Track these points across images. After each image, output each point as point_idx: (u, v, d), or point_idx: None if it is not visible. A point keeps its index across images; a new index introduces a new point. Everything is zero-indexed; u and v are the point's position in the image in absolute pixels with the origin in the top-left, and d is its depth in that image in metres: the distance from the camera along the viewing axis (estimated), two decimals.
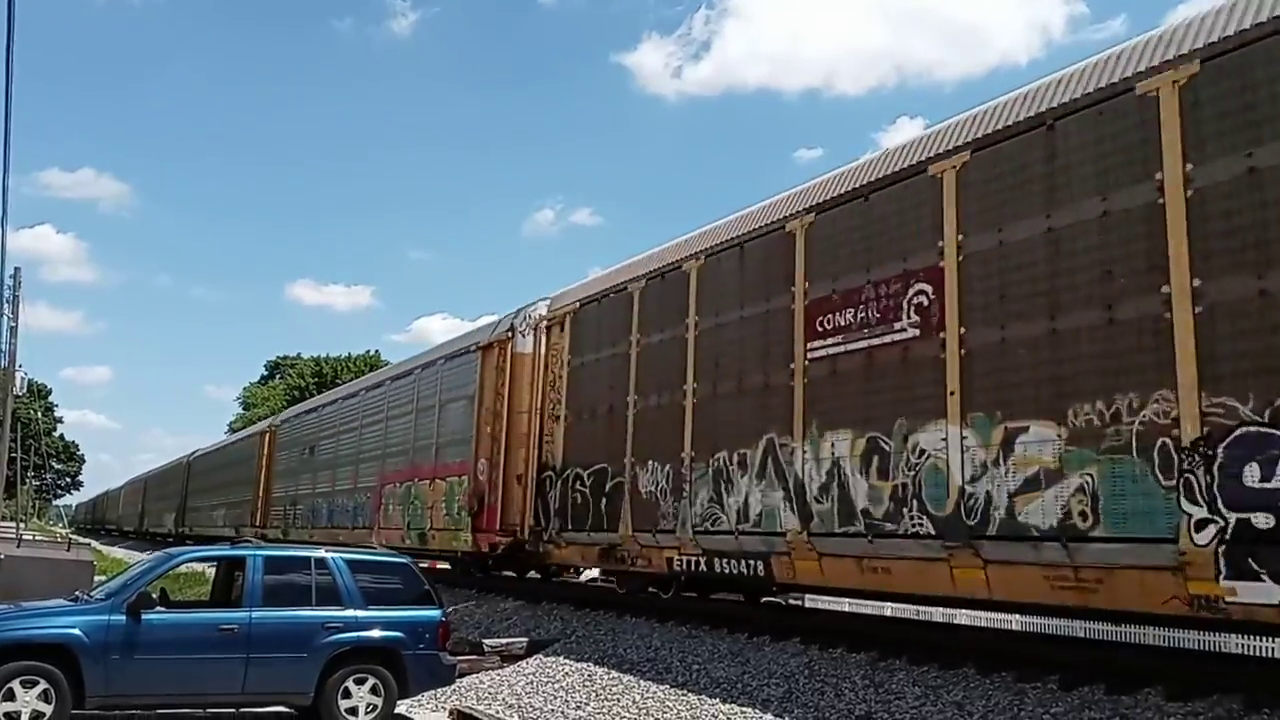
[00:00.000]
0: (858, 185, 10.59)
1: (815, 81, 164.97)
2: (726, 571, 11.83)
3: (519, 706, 10.69)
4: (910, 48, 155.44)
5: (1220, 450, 6.98)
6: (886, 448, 9.68)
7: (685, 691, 10.17)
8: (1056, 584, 8.16)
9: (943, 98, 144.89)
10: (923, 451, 9.29)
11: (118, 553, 45.50)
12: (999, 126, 9.09)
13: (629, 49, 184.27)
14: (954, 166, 9.39)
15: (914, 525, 9.29)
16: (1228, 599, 6.91)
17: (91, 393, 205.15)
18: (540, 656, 12.78)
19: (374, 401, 24.61)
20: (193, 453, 52.52)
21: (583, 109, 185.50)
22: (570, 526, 15.00)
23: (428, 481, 20.28)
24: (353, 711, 9.70)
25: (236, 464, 38.68)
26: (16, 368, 38.49)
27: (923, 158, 9.80)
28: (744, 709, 9.30)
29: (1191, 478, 7.11)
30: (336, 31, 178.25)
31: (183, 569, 13.76)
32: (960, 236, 9.23)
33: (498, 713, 10.38)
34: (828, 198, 11.00)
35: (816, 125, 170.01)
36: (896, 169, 10.13)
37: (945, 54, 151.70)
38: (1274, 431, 6.71)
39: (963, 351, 9.03)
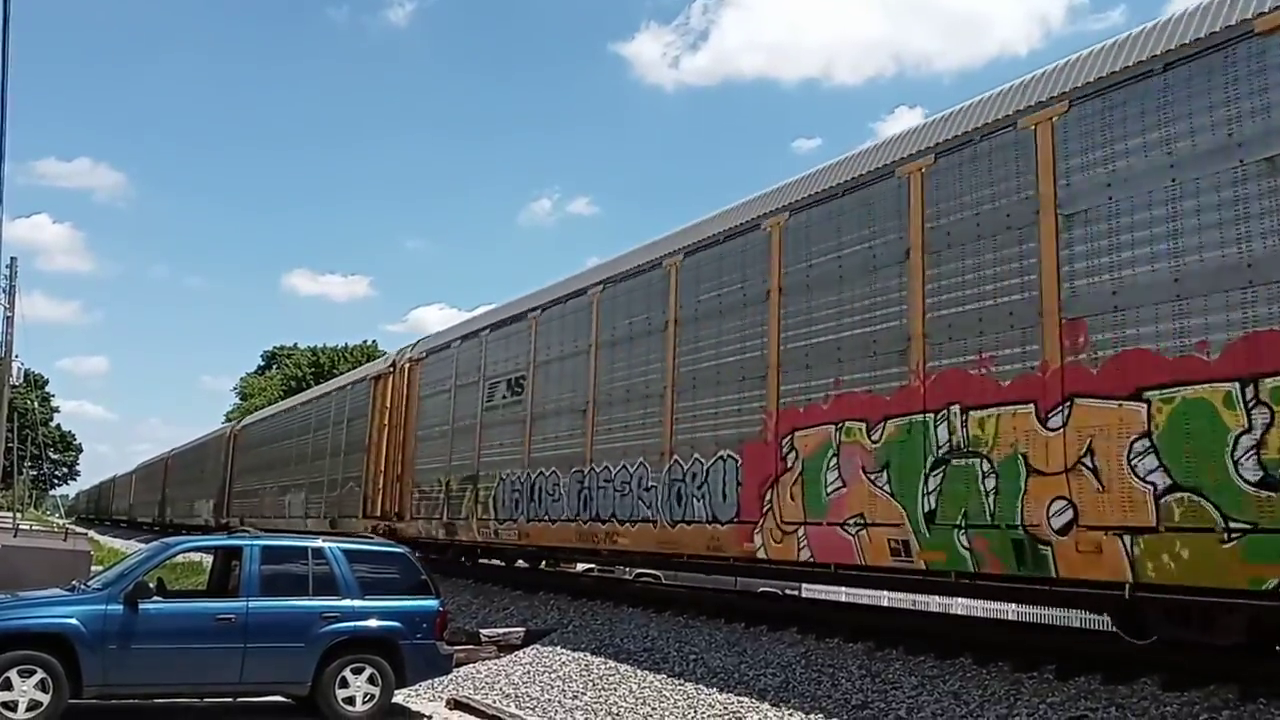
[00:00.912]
0: None
1: (813, 71, 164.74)
2: None
3: (516, 696, 10.70)
4: (909, 38, 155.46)
5: None
6: None
7: (682, 681, 10.18)
8: None
9: (941, 88, 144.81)
10: None
11: (117, 544, 45.32)
12: None
13: (626, 38, 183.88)
14: None
15: None
16: None
17: (88, 383, 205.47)
18: (537, 646, 12.79)
19: (718, 269, 12.07)
20: (239, 421, 43.70)
21: (580, 99, 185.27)
22: None
23: (1025, 407, 8.21)
24: (350, 701, 9.70)
25: (326, 427, 27.13)
26: (13, 358, 38.47)
27: None
28: (741, 698, 9.31)
29: None
30: (332, 20, 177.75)
31: (179, 559, 13.77)
32: None
33: (495, 702, 10.40)
34: None
35: (815, 115, 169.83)
36: None
37: (944, 44, 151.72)
38: None
39: None
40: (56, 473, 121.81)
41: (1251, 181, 6.95)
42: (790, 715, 8.65)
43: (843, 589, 18.40)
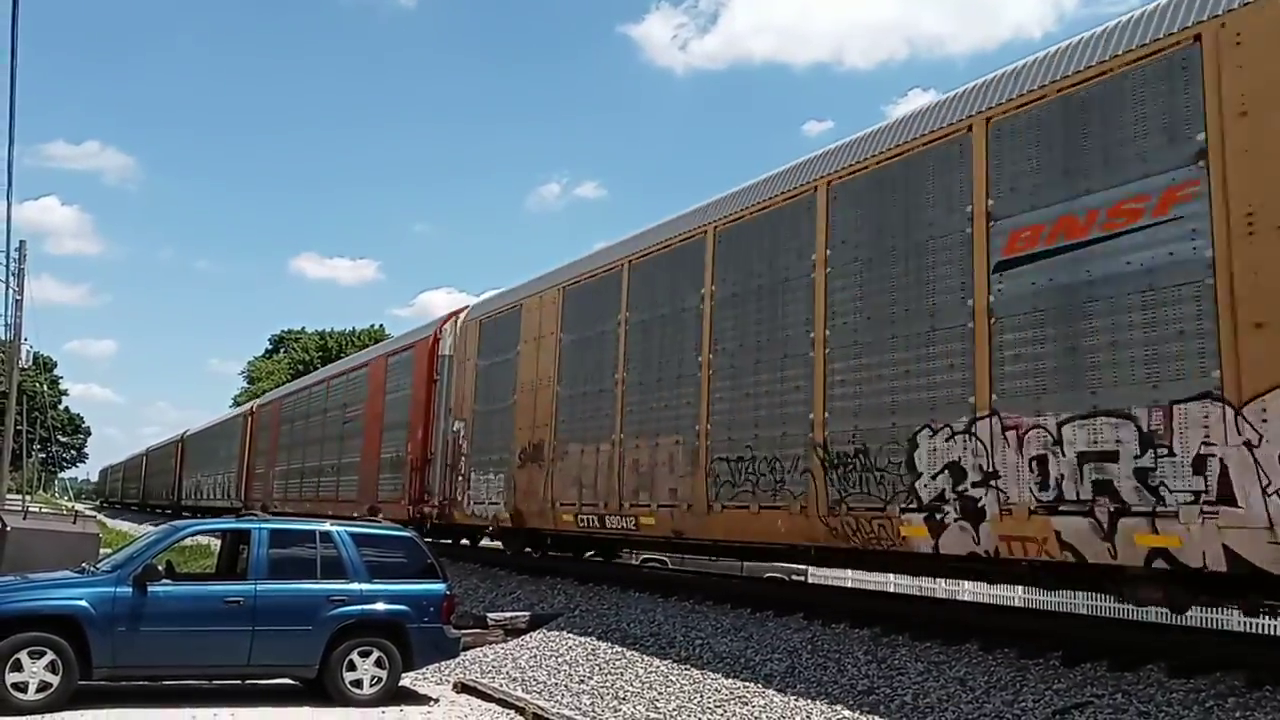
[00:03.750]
0: None
1: (824, 54, 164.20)
2: None
3: (523, 680, 10.74)
4: (920, 20, 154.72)
5: None
6: None
7: (688, 666, 10.20)
8: None
9: (954, 71, 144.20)
10: None
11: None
12: None
13: (636, 20, 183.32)
14: None
15: None
16: None
17: (96, 366, 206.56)
18: (544, 630, 12.83)
19: None
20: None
21: (589, 82, 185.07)
22: None
23: None
24: (357, 684, 9.75)
25: None
26: (22, 340, 38.53)
27: None
28: (747, 683, 9.33)
29: None
30: (340, 4, 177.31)
31: (188, 541, 13.82)
32: None
33: (502, 686, 10.44)
34: None
35: (826, 98, 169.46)
36: None
37: (956, 27, 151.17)
38: None
39: None
40: (65, 455, 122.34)
41: None
42: (796, 700, 8.67)
43: (848, 573, 18.42)
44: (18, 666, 8.73)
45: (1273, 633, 15.55)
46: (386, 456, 22.40)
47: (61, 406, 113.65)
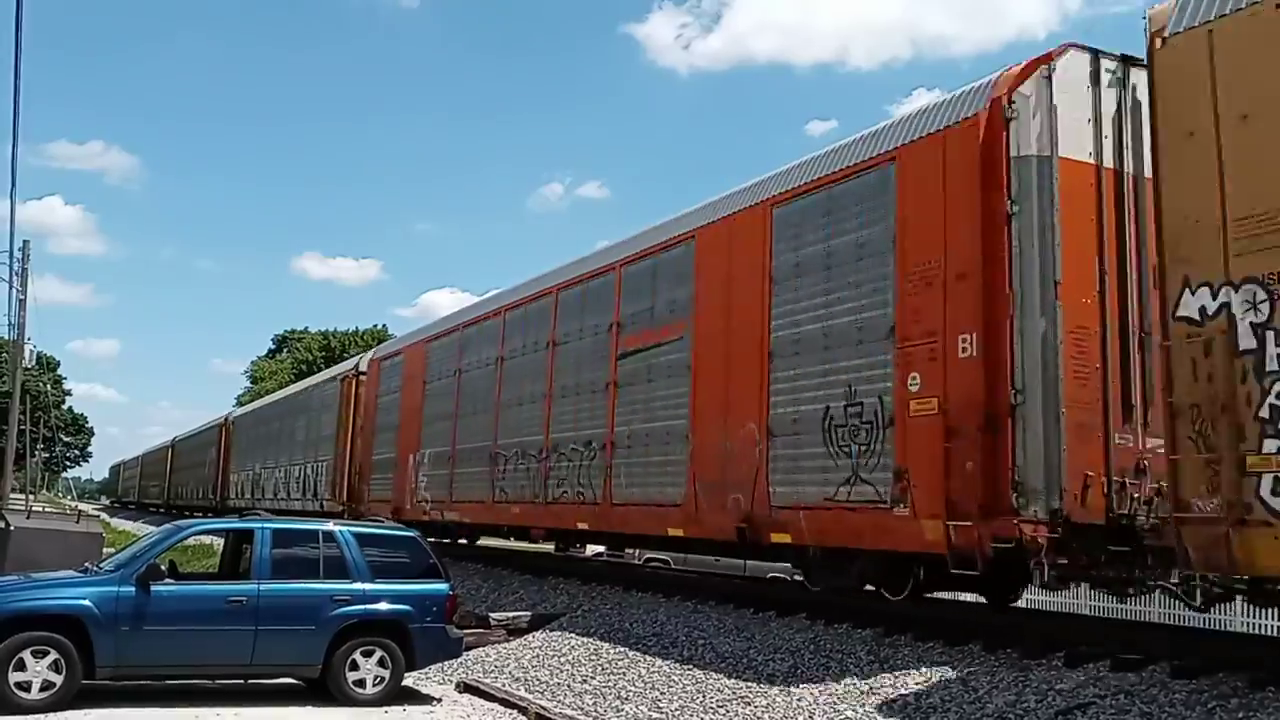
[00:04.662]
0: None
1: (827, 55, 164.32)
2: None
3: (525, 680, 10.75)
4: (924, 20, 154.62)
5: None
6: None
7: (690, 666, 10.21)
8: None
9: (959, 72, 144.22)
10: None
11: None
12: None
13: (639, 19, 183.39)
14: None
15: None
16: None
17: (99, 365, 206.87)
18: (546, 630, 12.84)
19: None
20: None
21: (592, 81, 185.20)
22: None
23: None
24: (360, 684, 9.75)
25: None
26: (25, 340, 38.56)
27: None
28: (749, 683, 9.33)
29: None
30: (343, 3, 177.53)
31: (191, 541, 13.83)
32: None
33: (504, 685, 10.44)
34: None
35: (829, 98, 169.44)
36: None
37: (960, 27, 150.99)
38: None
39: None
40: (68, 455, 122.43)
41: None
42: (798, 700, 8.67)
43: None
44: (21, 666, 8.74)
45: (1274, 633, 15.53)
46: (785, 413, 10.93)
47: (65, 406, 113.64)
